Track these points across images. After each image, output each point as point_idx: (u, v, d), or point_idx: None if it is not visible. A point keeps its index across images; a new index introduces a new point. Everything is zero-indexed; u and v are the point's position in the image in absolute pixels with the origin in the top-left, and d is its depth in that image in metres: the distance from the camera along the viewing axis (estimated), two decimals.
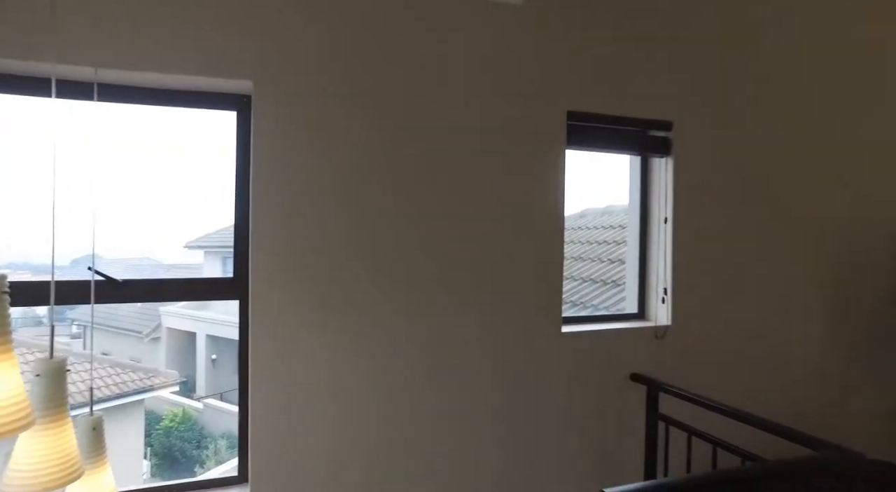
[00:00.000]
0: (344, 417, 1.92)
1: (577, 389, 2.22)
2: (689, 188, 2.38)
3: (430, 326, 2.01)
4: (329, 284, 1.88)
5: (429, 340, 2.01)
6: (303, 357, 1.86)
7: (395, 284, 1.96)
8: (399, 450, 1.99)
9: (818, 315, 2.69)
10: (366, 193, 1.92)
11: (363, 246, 1.92)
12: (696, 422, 2.09)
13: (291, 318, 1.84)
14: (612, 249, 4.21)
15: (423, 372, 2.01)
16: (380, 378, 1.96)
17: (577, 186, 2.87)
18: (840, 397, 2.74)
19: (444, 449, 2.04)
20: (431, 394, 2.02)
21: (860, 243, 2.79)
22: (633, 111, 2.29)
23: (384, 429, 1.97)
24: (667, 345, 2.35)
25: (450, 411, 2.05)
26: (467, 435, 2.07)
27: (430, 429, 2.02)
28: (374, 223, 1.93)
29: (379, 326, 1.95)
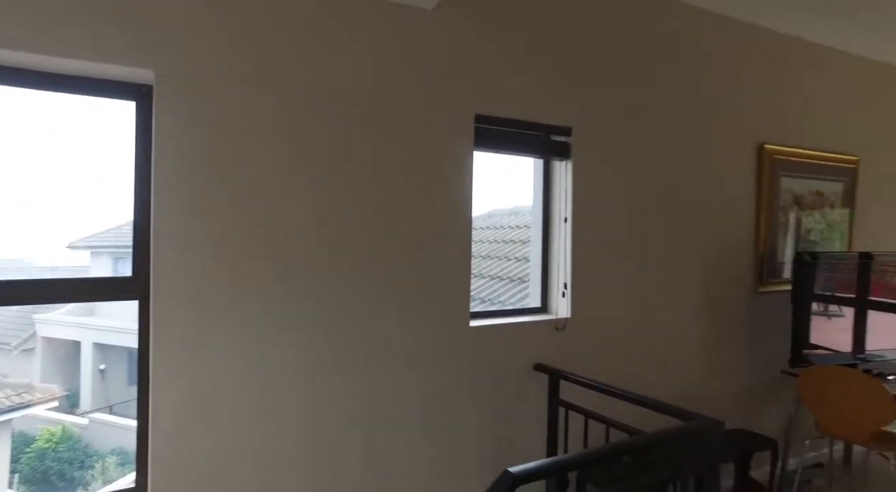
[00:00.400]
0: (255, 420, 1.88)
1: (485, 379, 2.34)
2: (586, 190, 2.58)
3: (341, 323, 2.03)
4: (237, 281, 1.84)
5: (341, 338, 2.03)
6: (210, 360, 1.80)
7: (305, 281, 1.96)
8: (316, 451, 1.99)
9: (692, 307, 3.02)
10: (274, 189, 1.90)
11: (272, 242, 1.90)
12: (592, 406, 2.29)
13: (197, 318, 1.78)
14: (519, 248, 4.43)
15: (337, 369, 2.02)
16: (292, 379, 1.94)
17: (486, 187, 3.01)
18: (708, 377, 3.09)
19: (358, 446, 2.07)
20: (345, 392, 2.04)
21: (724, 244, 3.17)
22: (537, 117, 2.45)
23: (298, 430, 1.96)
24: (567, 336, 2.54)
25: (364, 407, 2.08)
26: (381, 428, 2.11)
27: (344, 426, 2.04)
28: (283, 220, 1.92)
29: (290, 325, 1.94)
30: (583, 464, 1.50)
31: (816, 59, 3.54)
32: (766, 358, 3.32)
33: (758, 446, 2.89)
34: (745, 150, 3.22)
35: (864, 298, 3.26)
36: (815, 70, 3.54)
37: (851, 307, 3.25)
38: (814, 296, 3.10)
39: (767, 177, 3.29)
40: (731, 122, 3.14)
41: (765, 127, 3.29)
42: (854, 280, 3.25)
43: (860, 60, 3.78)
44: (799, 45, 3.43)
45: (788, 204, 3.45)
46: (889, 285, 3.38)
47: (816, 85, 3.55)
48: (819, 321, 3.14)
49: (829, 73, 3.62)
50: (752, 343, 3.28)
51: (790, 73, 3.41)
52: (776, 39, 3.31)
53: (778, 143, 3.34)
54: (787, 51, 3.38)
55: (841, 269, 3.24)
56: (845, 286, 3.25)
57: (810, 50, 3.49)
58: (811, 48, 3.49)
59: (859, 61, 3.78)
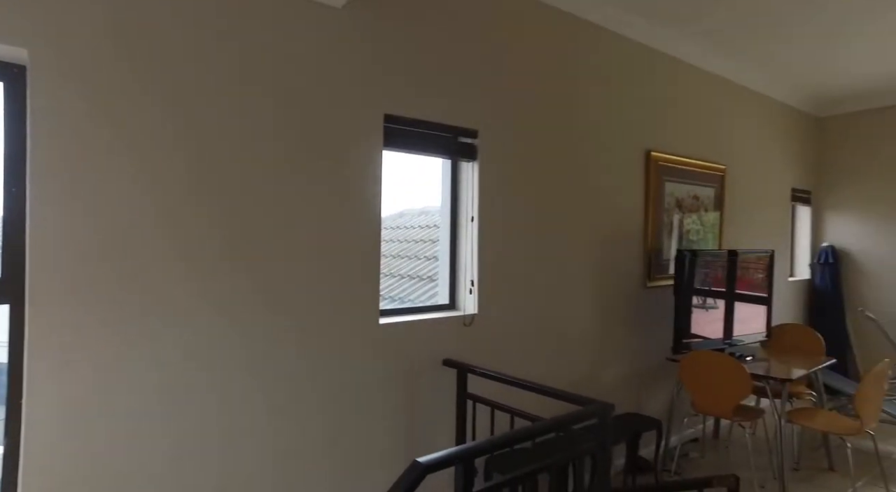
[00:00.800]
0: (145, 431, 1.77)
1: (395, 375, 2.36)
2: (491, 191, 2.69)
3: (246, 323, 1.96)
4: (127, 282, 1.72)
5: (245, 339, 1.96)
6: (94, 369, 1.67)
7: (206, 281, 1.88)
8: (224, 453, 1.90)
9: (587, 301, 3.25)
10: (171, 184, 1.80)
11: (167, 240, 1.80)
12: (498, 397, 2.39)
13: (80, 323, 1.64)
14: (429, 247, 4.50)
15: (241, 370, 1.95)
16: (191, 384, 1.85)
17: (398, 188, 3.04)
18: (602, 365, 3.34)
19: (266, 447, 2.01)
20: (250, 393, 1.98)
21: (617, 242, 3.44)
22: (445, 118, 2.51)
23: (202, 435, 1.87)
24: (474, 331, 2.63)
25: (272, 408, 2.03)
26: (290, 428, 2.07)
27: (251, 427, 1.98)
28: (178, 215, 1.82)
29: (189, 328, 1.84)
30: (487, 450, 1.57)
31: (695, 80, 3.95)
32: (653, 347, 3.64)
33: (645, 426, 3.16)
34: (634, 156, 3.51)
35: (732, 290, 3.68)
36: (694, 89, 3.95)
37: (722, 299, 3.65)
38: (693, 290, 3.44)
39: (654, 181, 3.62)
40: (622, 130, 3.41)
41: (651, 136, 3.61)
42: (724, 275, 3.66)
43: (728, 83, 4.27)
44: (682, 67, 3.81)
45: (672, 206, 3.81)
46: (750, 279, 3.84)
47: (694, 102, 3.96)
48: (698, 313, 3.50)
49: (705, 93, 4.06)
50: (641, 333, 3.58)
51: (673, 91, 3.77)
52: (664, 61, 3.66)
53: (662, 150, 3.68)
54: (672, 71, 3.74)
55: (714, 265, 3.63)
56: (718, 280, 3.64)
57: (690, 71, 3.89)
58: (691, 70, 3.89)
59: (727, 84, 4.27)
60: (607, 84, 3.31)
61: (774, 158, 4.90)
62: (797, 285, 5.31)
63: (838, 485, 3.27)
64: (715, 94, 4.17)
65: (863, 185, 5.28)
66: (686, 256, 3.37)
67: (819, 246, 5.45)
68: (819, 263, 5.38)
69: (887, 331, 4.88)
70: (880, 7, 3.17)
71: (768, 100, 4.77)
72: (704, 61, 3.95)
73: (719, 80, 4.19)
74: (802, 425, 3.20)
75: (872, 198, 5.21)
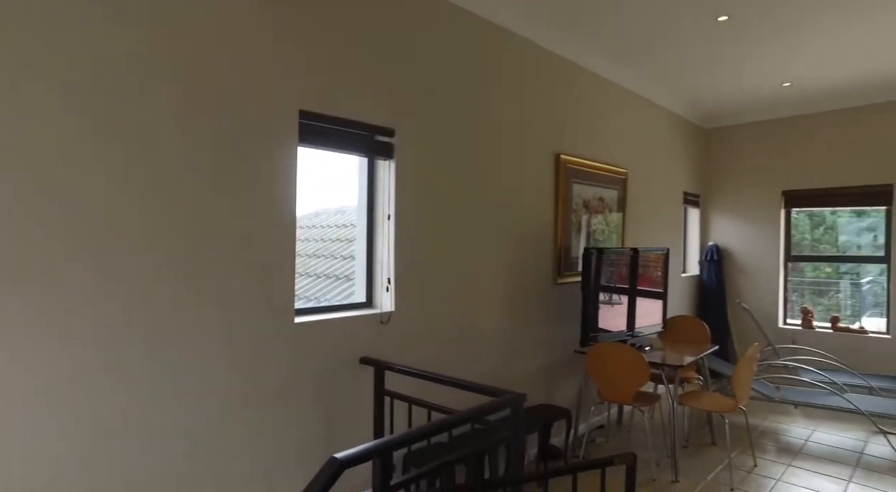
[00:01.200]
0: (40, 433, 1.62)
1: (312, 374, 2.33)
2: (408, 189, 2.72)
3: (157, 327, 1.85)
4: (20, 283, 1.57)
5: (157, 343, 1.85)
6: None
7: (112, 284, 1.75)
8: (136, 458, 1.78)
9: (501, 298, 3.37)
10: (77, 181, 1.66)
11: (76, 235, 1.66)
12: (416, 392, 2.42)
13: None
14: (345, 247, 4.44)
15: (152, 374, 1.84)
16: (99, 389, 1.71)
17: (314, 186, 2.98)
18: (515, 359, 3.48)
19: (181, 451, 1.91)
20: (162, 397, 1.87)
21: (528, 241, 3.60)
22: (362, 116, 2.51)
23: (114, 443, 1.73)
24: (391, 329, 2.65)
25: (187, 410, 1.93)
26: (205, 430, 1.97)
27: (164, 430, 1.86)
28: (87, 214, 1.69)
29: (101, 327, 1.71)
30: (404, 443, 1.59)
31: (602, 89, 4.21)
32: (562, 340, 3.84)
33: (556, 416, 3.34)
34: (545, 158, 3.69)
35: (634, 286, 3.97)
36: (601, 98, 4.22)
37: (625, 294, 3.93)
38: (599, 285, 3.67)
39: (563, 183, 3.82)
40: (534, 133, 3.57)
41: (560, 140, 3.81)
42: (627, 272, 3.94)
43: (630, 94, 4.60)
44: (590, 76, 4.05)
45: (579, 207, 4.04)
46: (649, 276, 4.17)
47: (601, 110, 4.23)
48: (605, 308, 3.73)
49: (610, 102, 4.34)
50: (551, 328, 3.77)
51: (582, 98, 4.00)
52: (574, 70, 3.87)
53: (571, 154, 3.90)
54: (580, 80, 3.96)
55: (618, 262, 3.89)
56: (621, 277, 3.91)
57: (597, 81, 4.15)
58: (598, 80, 4.15)
59: (630, 94, 4.60)
60: (520, 89, 3.45)
61: (669, 164, 5.35)
62: (688, 281, 5.82)
63: (718, 457, 3.64)
64: (619, 103, 4.47)
65: (739, 190, 5.89)
66: (592, 253, 3.58)
67: (706, 245, 6.01)
68: (706, 261, 5.93)
69: (758, 320, 5.49)
70: (753, 41, 3.57)
71: (664, 111, 5.20)
72: (610, 73, 4.24)
73: (623, 91, 4.50)
74: (691, 407, 3.53)
75: (746, 201, 5.83)
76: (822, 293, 6.26)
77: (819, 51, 3.96)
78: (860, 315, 5.84)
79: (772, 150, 5.67)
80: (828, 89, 4.89)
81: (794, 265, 5.81)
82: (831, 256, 5.96)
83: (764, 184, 5.72)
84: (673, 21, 3.44)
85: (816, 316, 5.55)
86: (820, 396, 4.13)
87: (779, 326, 5.60)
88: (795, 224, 5.82)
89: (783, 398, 4.13)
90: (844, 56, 4.06)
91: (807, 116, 5.43)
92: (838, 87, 4.84)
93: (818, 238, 6.13)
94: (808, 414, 4.57)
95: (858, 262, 5.64)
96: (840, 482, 3.31)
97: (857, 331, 5.23)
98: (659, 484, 3.23)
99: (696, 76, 4.57)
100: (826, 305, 6.09)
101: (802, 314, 5.51)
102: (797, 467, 3.51)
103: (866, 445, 3.94)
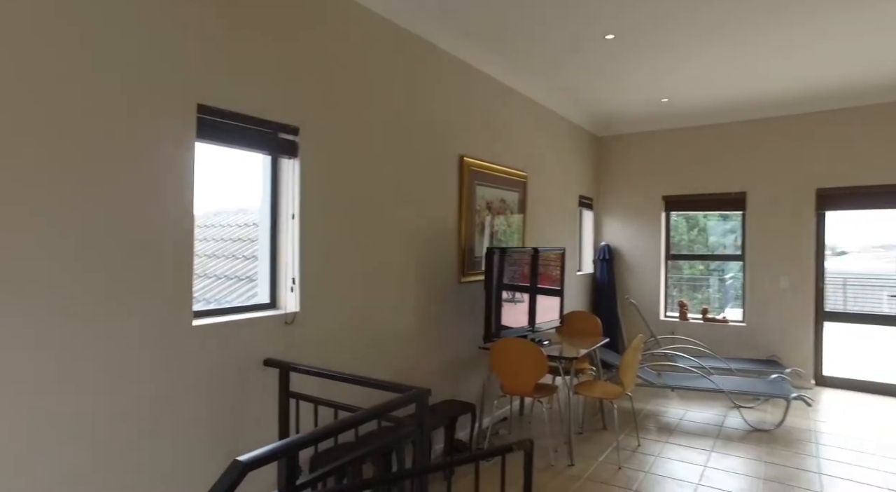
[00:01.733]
0: None
1: (214, 378, 2.24)
2: (313, 188, 2.70)
3: (45, 328, 1.69)
4: None
5: (45, 344, 1.69)
6: None
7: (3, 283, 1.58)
8: (34, 471, 1.61)
9: (407, 296, 3.44)
10: None
11: None
12: (323, 393, 2.41)
13: None
14: (248, 247, 4.28)
15: (44, 383, 1.68)
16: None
17: (214, 184, 2.85)
18: (421, 356, 3.56)
19: (74, 454, 1.75)
20: (55, 405, 1.71)
21: (434, 241, 3.70)
22: (265, 113, 2.45)
23: (6, 457, 1.56)
24: (296, 329, 2.61)
25: (82, 419, 1.78)
26: (99, 436, 1.83)
27: (60, 441, 1.71)
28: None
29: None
30: (309, 443, 1.59)
31: (504, 96, 4.41)
32: (467, 337, 3.98)
33: (461, 410, 3.46)
34: (449, 160, 3.80)
35: (535, 283, 4.21)
36: (504, 104, 4.42)
37: (527, 292, 4.15)
38: (501, 284, 3.85)
39: (467, 184, 3.96)
40: (438, 135, 3.67)
41: (464, 143, 3.95)
42: (528, 270, 4.16)
43: (530, 101, 4.86)
44: (494, 83, 4.23)
45: (483, 208, 4.21)
46: (548, 274, 4.43)
47: (503, 115, 4.43)
48: (507, 305, 3.91)
49: (512, 108, 4.56)
50: (457, 325, 3.89)
51: (485, 103, 4.17)
52: (478, 76, 4.02)
53: (474, 157, 4.05)
54: (484, 86, 4.12)
55: (519, 261, 4.10)
56: (523, 275, 4.13)
57: (500, 89, 4.34)
58: (501, 87, 4.34)
59: (529, 101, 4.86)
60: (427, 91, 3.54)
61: (566, 169, 5.71)
62: (583, 278, 6.24)
63: (608, 440, 3.96)
64: (520, 110, 4.71)
65: (627, 194, 6.42)
66: (495, 253, 3.75)
67: (599, 245, 6.49)
68: (599, 260, 6.40)
69: (643, 313, 6.03)
70: (636, 59, 3.93)
71: (562, 119, 5.55)
72: (512, 81, 4.45)
73: (524, 99, 4.75)
74: (585, 395, 3.81)
75: (633, 205, 6.37)
76: (696, 288, 7.01)
77: (690, 72, 4.44)
78: (724, 307, 6.62)
79: (654, 158, 6.24)
80: (698, 106, 5.49)
81: (673, 263, 6.43)
82: (703, 255, 6.69)
83: (648, 189, 6.29)
84: (566, 37, 3.70)
85: (691, 308, 6.19)
86: (692, 379, 4.64)
87: (660, 319, 6.17)
88: (675, 226, 6.45)
89: (663, 383, 4.58)
90: (710, 78, 4.58)
91: (682, 129, 6.05)
92: (705, 106, 5.45)
93: (693, 239, 6.86)
94: (683, 396, 5.10)
95: (723, 260, 6.37)
96: (705, 453, 3.74)
97: (720, 321, 5.91)
98: (556, 469, 3.45)
99: (589, 89, 4.93)
100: (700, 299, 6.82)
101: (679, 307, 6.12)
102: (673, 443, 3.91)
103: (725, 419, 4.48)
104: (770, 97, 5.16)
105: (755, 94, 5.08)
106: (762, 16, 3.37)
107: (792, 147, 5.49)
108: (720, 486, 3.23)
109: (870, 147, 5.13)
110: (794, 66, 4.30)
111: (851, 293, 7.80)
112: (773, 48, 3.91)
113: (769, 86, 4.81)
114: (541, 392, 3.61)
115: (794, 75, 4.52)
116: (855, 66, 4.30)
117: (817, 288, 5.41)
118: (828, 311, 5.47)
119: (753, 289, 5.66)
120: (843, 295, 7.69)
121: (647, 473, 3.41)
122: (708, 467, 3.49)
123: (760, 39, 3.74)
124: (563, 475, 3.37)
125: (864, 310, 7.44)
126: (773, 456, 3.68)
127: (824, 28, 3.54)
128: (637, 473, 3.41)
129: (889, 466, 3.52)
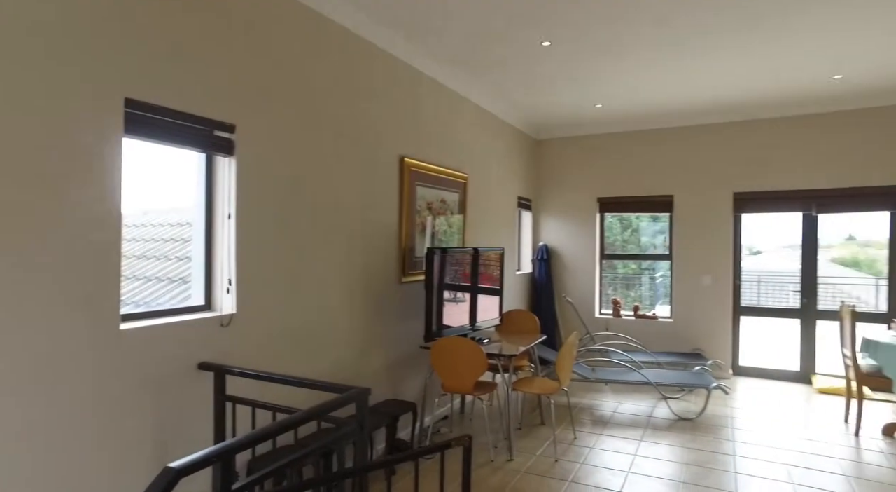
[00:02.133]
0: None
1: (144, 383, 2.15)
2: (250, 187, 2.64)
3: None
4: None
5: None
6: None
7: None
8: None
9: (348, 296, 3.42)
10: None
11: None
12: (261, 395, 2.37)
13: None
14: (180, 247, 4.10)
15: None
16: None
17: (143, 183, 2.72)
18: (362, 356, 3.55)
19: (2, 467, 1.63)
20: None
21: (375, 241, 3.70)
22: (199, 110, 2.38)
23: None
24: (233, 331, 2.54)
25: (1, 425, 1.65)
26: (26, 448, 1.72)
27: None
28: None
29: None
30: (244, 446, 1.57)
31: (445, 98, 4.47)
32: (408, 337, 4.00)
33: (402, 410, 3.47)
34: (390, 161, 3.81)
35: (475, 283, 4.29)
36: (445, 106, 4.47)
37: (467, 291, 4.22)
38: (442, 283, 3.90)
39: (407, 185, 3.98)
40: (379, 135, 3.68)
41: (405, 143, 3.97)
42: (468, 270, 4.24)
43: (471, 103, 4.95)
44: (435, 85, 4.27)
45: (423, 209, 4.24)
46: (488, 274, 4.53)
47: (444, 117, 4.49)
48: (449, 305, 3.97)
49: (453, 110, 4.62)
50: (397, 325, 3.91)
51: (426, 105, 4.20)
52: (420, 77, 4.05)
53: (414, 157, 4.08)
54: (425, 87, 4.16)
55: (460, 261, 4.16)
56: (463, 275, 4.20)
57: (441, 90, 4.39)
58: (442, 89, 4.40)
59: (470, 104, 4.94)
60: (366, 91, 3.53)
61: (505, 171, 5.84)
62: (522, 278, 6.41)
63: (546, 434, 4.10)
64: (460, 112, 4.78)
65: (564, 195, 6.65)
66: (436, 253, 3.79)
67: (537, 245, 6.68)
68: (537, 259, 6.60)
69: (579, 311, 6.27)
70: (570, 66, 4.10)
71: (501, 122, 5.67)
72: (452, 83, 4.52)
73: (463, 101, 4.82)
74: (523, 392, 3.92)
75: (570, 206, 6.61)
76: (629, 286, 7.36)
77: (619, 80, 4.67)
78: (655, 304, 6.99)
79: (589, 161, 6.50)
80: (630, 113, 5.78)
81: (607, 262, 6.72)
82: (635, 254, 7.03)
83: (583, 191, 6.54)
84: (504, 42, 3.80)
85: (624, 306, 6.49)
86: (624, 373, 4.87)
87: (595, 316, 6.44)
88: (609, 227, 6.74)
89: (598, 378, 4.78)
90: (641, 86, 4.84)
91: (615, 134, 6.34)
92: (636, 112, 5.74)
93: (627, 239, 7.19)
94: (616, 389, 5.35)
95: (653, 259, 6.72)
96: (635, 442, 3.95)
97: (651, 317, 6.24)
98: (496, 464, 3.54)
99: (526, 93, 5.08)
100: (633, 297, 7.17)
101: (613, 305, 6.40)
102: (607, 434, 4.10)
103: (654, 409, 4.74)
104: (696, 106, 5.51)
105: (682, 103, 5.40)
106: (685, 28, 3.60)
107: (713, 153, 5.88)
108: (648, 472, 3.43)
109: (780, 155, 5.58)
110: (715, 78, 4.62)
111: (765, 289, 8.45)
112: (698, 58, 4.18)
113: (695, 95, 5.14)
114: (481, 390, 3.68)
115: (716, 86, 4.85)
116: (766, 82, 4.67)
117: (735, 285, 5.83)
118: (744, 306, 5.90)
119: (680, 286, 6.02)
120: (757, 291, 8.33)
121: (582, 464, 3.56)
122: (637, 456, 3.69)
123: (686, 51, 3.99)
124: (503, 470, 3.46)
125: (775, 304, 8.07)
126: (695, 442, 3.94)
127: (743, 46, 3.83)
128: (573, 464, 3.55)
129: (792, 445, 3.85)
